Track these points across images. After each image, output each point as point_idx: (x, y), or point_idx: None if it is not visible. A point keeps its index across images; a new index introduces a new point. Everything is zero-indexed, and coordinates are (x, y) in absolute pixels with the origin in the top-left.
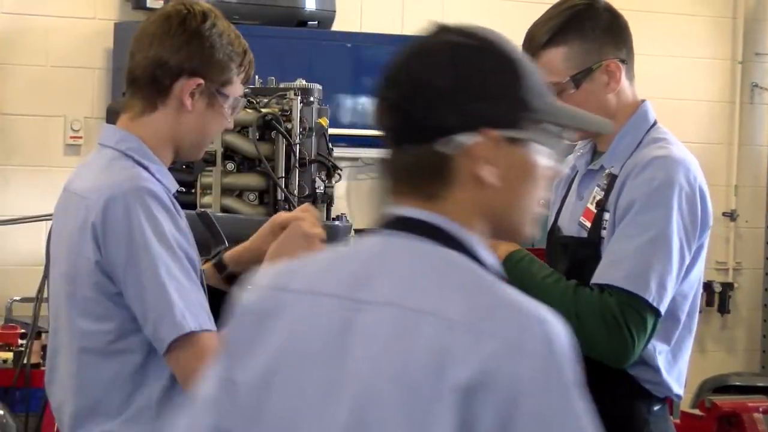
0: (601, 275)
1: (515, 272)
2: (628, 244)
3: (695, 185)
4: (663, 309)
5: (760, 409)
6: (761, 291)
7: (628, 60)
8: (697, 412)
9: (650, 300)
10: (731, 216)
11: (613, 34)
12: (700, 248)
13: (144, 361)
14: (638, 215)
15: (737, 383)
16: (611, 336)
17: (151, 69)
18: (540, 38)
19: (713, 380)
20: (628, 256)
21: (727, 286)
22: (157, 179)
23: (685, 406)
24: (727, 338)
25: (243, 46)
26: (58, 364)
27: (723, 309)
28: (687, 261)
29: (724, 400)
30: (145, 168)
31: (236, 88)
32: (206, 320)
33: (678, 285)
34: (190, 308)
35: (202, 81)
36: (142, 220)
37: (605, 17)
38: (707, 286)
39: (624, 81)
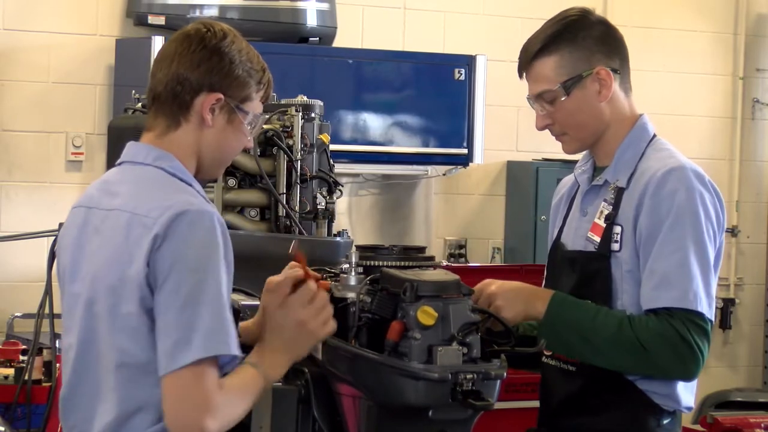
0: (653, 299)
1: (562, 313)
2: (669, 262)
3: (712, 189)
4: (713, 316)
5: (762, 425)
6: (763, 306)
7: (621, 71)
8: (699, 428)
9: (704, 312)
10: (733, 232)
11: (604, 44)
12: (719, 251)
13: None
14: (672, 231)
15: (739, 399)
16: (682, 357)
17: (172, 85)
18: (532, 48)
19: (715, 396)
20: (674, 275)
21: (729, 302)
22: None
23: (686, 422)
24: (729, 354)
25: (262, 65)
26: (88, 378)
27: (725, 324)
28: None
29: (725, 416)
30: (190, 186)
31: (255, 105)
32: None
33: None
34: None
35: (221, 96)
36: (201, 242)
37: (598, 28)
38: None
39: (619, 92)
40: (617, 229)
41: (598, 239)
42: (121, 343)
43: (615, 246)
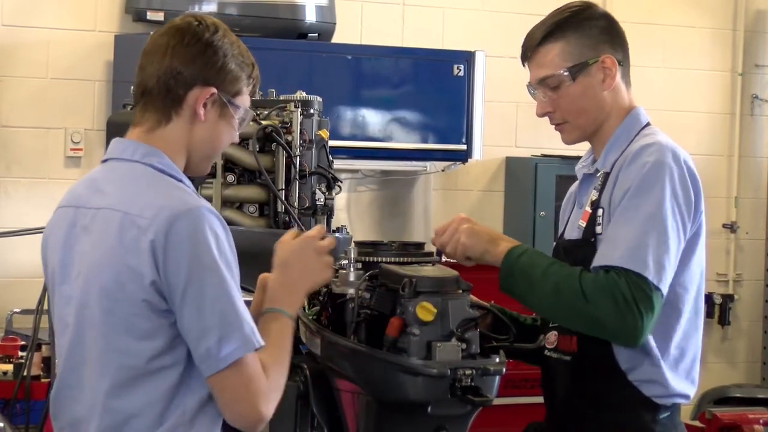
0: (600, 258)
1: (517, 267)
2: (624, 227)
3: (685, 167)
4: (664, 288)
5: (761, 421)
6: (762, 303)
7: (624, 63)
8: (697, 423)
9: (650, 278)
10: (731, 228)
11: (609, 35)
12: (697, 236)
13: (181, 377)
14: (632, 199)
15: (738, 395)
16: (621, 315)
17: (164, 80)
18: (538, 35)
19: (714, 392)
20: (624, 237)
21: (728, 298)
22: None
23: (685, 417)
24: (728, 350)
25: (251, 59)
26: (79, 380)
27: (723, 321)
28: (683, 243)
29: (724, 412)
30: (181, 182)
31: (245, 99)
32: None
33: (676, 266)
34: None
35: (215, 91)
36: (209, 239)
37: (603, 19)
38: (707, 298)
39: (621, 84)
40: (600, 211)
41: (585, 225)
42: (122, 344)
43: (598, 229)
